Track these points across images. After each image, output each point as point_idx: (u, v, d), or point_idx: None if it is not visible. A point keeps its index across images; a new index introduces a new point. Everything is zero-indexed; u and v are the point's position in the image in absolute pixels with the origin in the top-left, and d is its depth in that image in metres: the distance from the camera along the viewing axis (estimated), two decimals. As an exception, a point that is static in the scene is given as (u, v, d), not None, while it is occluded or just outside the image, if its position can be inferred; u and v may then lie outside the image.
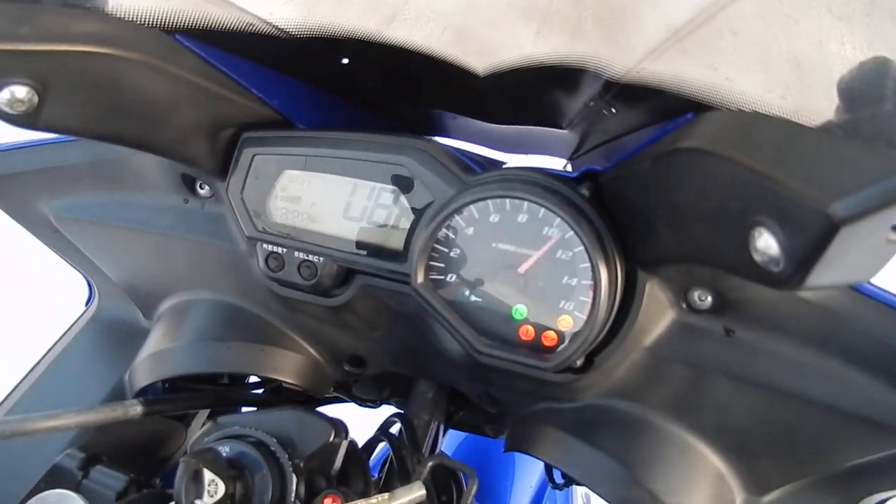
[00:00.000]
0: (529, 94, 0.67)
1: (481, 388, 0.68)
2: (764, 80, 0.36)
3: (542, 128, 0.75)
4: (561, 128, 0.72)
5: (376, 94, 0.71)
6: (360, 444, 0.67)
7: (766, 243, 0.33)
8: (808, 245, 0.31)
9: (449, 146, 0.59)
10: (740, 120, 0.38)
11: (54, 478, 0.53)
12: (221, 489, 0.47)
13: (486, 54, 0.61)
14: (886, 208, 0.28)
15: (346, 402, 0.91)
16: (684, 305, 0.55)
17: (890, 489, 0.56)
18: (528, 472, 1.21)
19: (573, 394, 0.60)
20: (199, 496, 0.45)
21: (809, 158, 0.32)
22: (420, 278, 0.55)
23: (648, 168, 0.45)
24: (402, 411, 0.72)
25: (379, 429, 0.70)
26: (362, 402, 0.90)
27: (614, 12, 0.42)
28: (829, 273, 0.32)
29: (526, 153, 0.89)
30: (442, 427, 0.79)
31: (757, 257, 0.34)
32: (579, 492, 1.36)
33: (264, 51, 0.60)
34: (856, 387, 0.51)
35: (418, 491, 0.51)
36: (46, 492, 0.52)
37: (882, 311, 0.49)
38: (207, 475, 0.46)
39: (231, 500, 0.48)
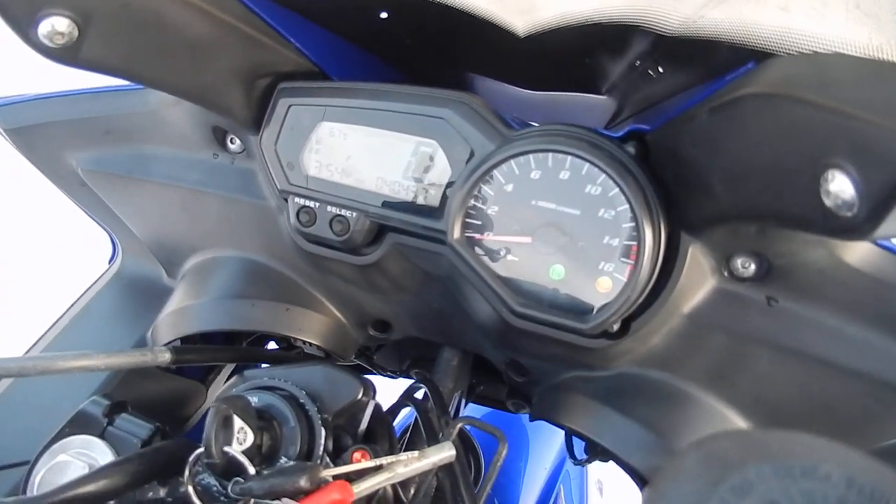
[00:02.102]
0: (570, 56, 0.65)
1: (509, 355, 0.66)
2: (845, 19, 0.35)
3: (579, 94, 0.73)
4: (600, 93, 0.71)
5: (412, 53, 0.70)
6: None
7: (840, 186, 0.32)
8: (889, 185, 0.29)
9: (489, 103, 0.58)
10: (813, 62, 0.37)
11: (80, 423, 0.52)
12: (251, 438, 0.46)
13: (527, 12, 0.60)
14: None
15: (368, 372, 0.90)
16: (726, 273, 0.53)
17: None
18: (542, 455, 1.20)
19: (606, 361, 0.59)
20: (228, 442, 0.44)
21: (888, 93, 0.30)
22: (456, 233, 0.54)
23: (705, 121, 0.44)
24: (427, 377, 0.71)
25: (403, 394, 0.69)
26: (383, 372, 0.89)
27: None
28: None
29: (563, 121, 0.87)
30: (464, 397, 0.78)
31: (829, 202, 0.33)
32: (594, 476, 1.35)
33: (304, 1, 0.58)
34: None
35: (449, 451, 0.50)
36: (71, 437, 0.51)
37: None
38: (237, 423, 0.45)
39: (259, 451, 0.47)
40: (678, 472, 0.22)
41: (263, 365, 0.66)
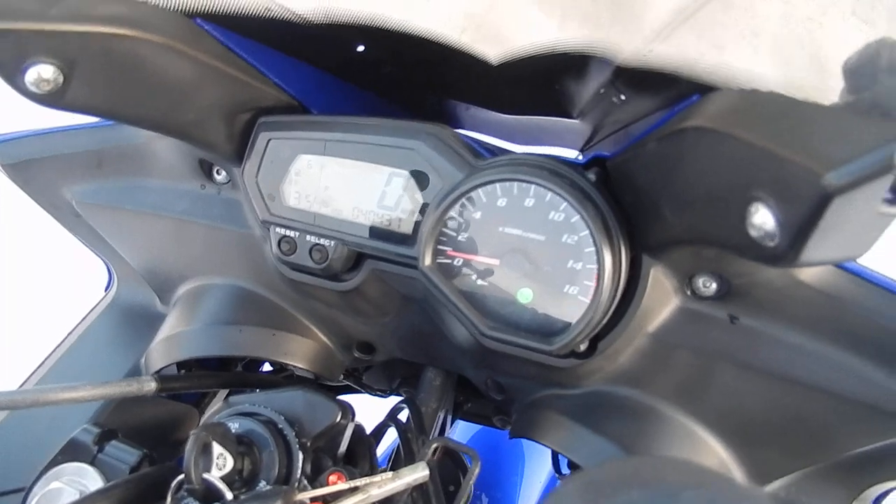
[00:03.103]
0: (541, 82, 0.68)
1: (487, 374, 0.68)
2: (767, 60, 0.37)
3: (553, 118, 0.76)
4: (572, 117, 0.73)
5: (391, 83, 0.73)
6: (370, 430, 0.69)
7: (763, 218, 0.34)
8: (803, 217, 0.31)
9: (461, 133, 0.60)
10: (742, 98, 0.39)
11: (71, 451, 0.55)
12: (230, 463, 0.48)
13: (499, 42, 0.62)
14: (878, 178, 0.28)
15: (357, 391, 0.92)
16: (689, 292, 0.55)
17: (892, 479, 0.56)
18: (539, 467, 1.22)
19: (577, 379, 0.61)
20: (208, 469, 0.46)
21: (806, 131, 0.32)
22: (427, 261, 0.56)
23: (654, 150, 0.46)
24: (410, 398, 0.73)
25: (388, 415, 0.71)
26: (373, 392, 0.91)
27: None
28: (824, 248, 0.32)
29: (539, 144, 0.89)
30: (449, 415, 0.79)
31: (753, 233, 0.35)
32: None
33: (282, 37, 0.61)
34: (859, 374, 0.52)
35: (422, 471, 0.52)
36: (64, 465, 0.53)
37: (884, 295, 0.49)
38: (216, 449, 0.47)
39: (239, 475, 0.49)
40: (560, 499, 0.24)
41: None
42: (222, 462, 0.47)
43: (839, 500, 0.58)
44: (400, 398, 0.77)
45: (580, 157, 0.61)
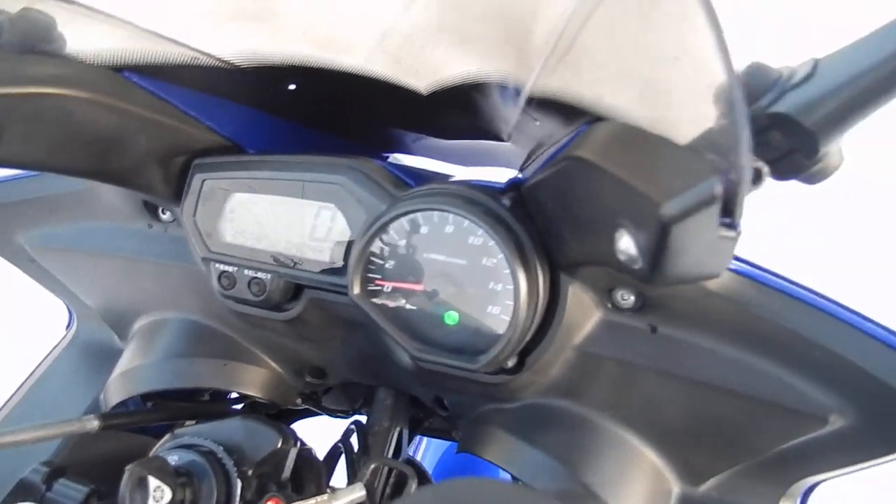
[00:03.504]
0: (469, 109, 0.71)
1: (432, 392, 0.70)
2: (631, 97, 0.40)
3: (488, 141, 0.78)
4: (503, 140, 0.76)
5: (328, 117, 0.75)
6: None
7: (626, 244, 0.37)
8: (653, 242, 0.34)
9: (385, 163, 0.63)
10: (613, 130, 0.42)
11: (21, 491, 0.57)
12: (168, 495, 0.50)
13: (421, 75, 0.65)
14: (707, 207, 0.31)
15: (318, 414, 0.94)
16: (609, 305, 0.58)
17: (815, 473, 0.58)
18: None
19: (514, 393, 0.63)
20: (145, 502, 0.49)
21: (656, 164, 0.35)
22: (356, 289, 0.59)
23: (550, 176, 0.48)
24: (357, 420, 0.75)
25: (340, 438, 0.73)
26: (333, 414, 0.93)
27: (511, 30, 0.46)
28: (681, 267, 0.35)
29: (482, 165, 0.92)
30: (406, 433, 0.81)
31: (621, 256, 0.38)
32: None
33: (212, 81, 0.64)
34: (768, 375, 0.54)
35: (359, 492, 0.54)
36: (13, 504, 0.56)
37: (785, 300, 0.52)
38: (153, 482, 0.49)
39: None
40: None
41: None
42: (159, 494, 0.49)
43: (769, 495, 0.60)
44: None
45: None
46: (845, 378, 0.52)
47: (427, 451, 1.26)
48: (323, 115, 0.76)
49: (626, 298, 0.57)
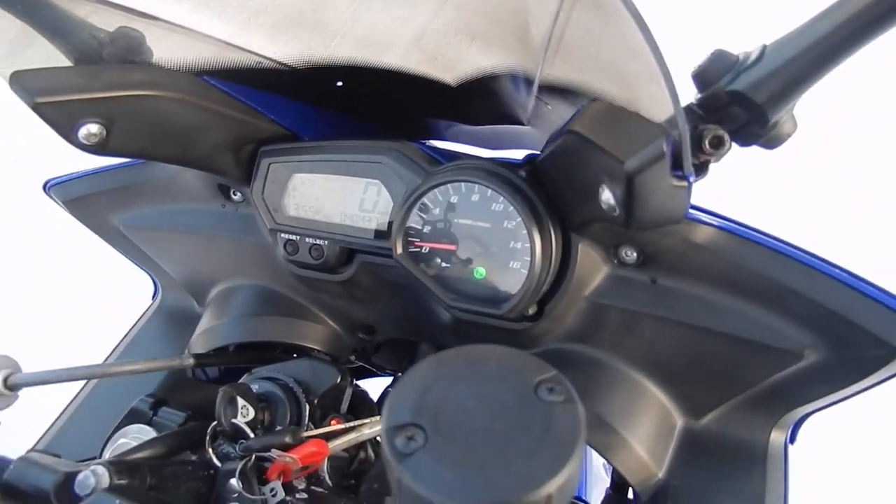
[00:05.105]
0: (494, 98, 0.81)
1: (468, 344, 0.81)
2: (613, 82, 0.50)
3: (512, 126, 0.89)
4: (524, 125, 0.86)
5: (373, 108, 0.87)
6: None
7: (607, 196, 0.47)
8: (623, 192, 0.44)
9: (421, 145, 0.74)
10: (599, 109, 0.51)
11: (132, 416, 0.71)
12: (251, 413, 0.62)
13: (450, 70, 0.76)
14: (658, 161, 0.41)
15: (372, 375, 1.06)
16: (615, 261, 0.67)
17: (800, 404, 0.67)
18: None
19: (535, 340, 0.73)
20: (234, 416, 0.61)
21: (624, 133, 0.45)
22: (399, 250, 0.70)
23: (555, 149, 0.59)
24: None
25: (388, 385, 0.85)
26: (384, 371, 1.05)
27: (517, 29, 0.56)
28: (648, 211, 0.45)
29: (508, 148, 1.02)
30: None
31: (604, 206, 0.48)
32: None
33: (274, 81, 0.76)
34: (750, 318, 0.63)
35: None
36: (128, 426, 0.70)
37: (759, 250, 0.61)
38: (240, 402, 0.62)
39: (260, 423, 0.64)
40: (414, 371, 0.36)
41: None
42: (245, 412, 0.62)
43: (763, 426, 0.69)
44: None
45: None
46: (815, 317, 0.61)
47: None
48: (367, 107, 0.87)
49: (630, 255, 0.66)
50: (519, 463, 0.31)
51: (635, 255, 0.66)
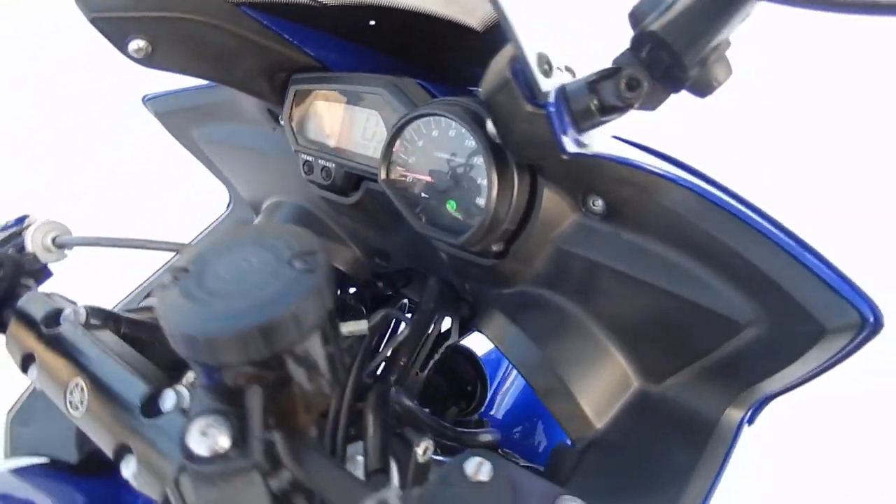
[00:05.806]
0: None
1: (463, 281, 0.85)
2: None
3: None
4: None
5: (403, 46, 0.91)
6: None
7: (490, 126, 0.49)
8: (492, 119, 0.46)
9: (422, 81, 0.77)
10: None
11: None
12: None
13: (470, 13, 0.79)
14: (504, 87, 0.42)
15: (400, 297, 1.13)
16: (583, 210, 0.68)
17: (752, 383, 0.64)
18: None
19: (508, 279, 0.75)
20: None
21: (491, 72, 0.47)
22: (383, 175, 0.75)
23: None
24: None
25: (393, 305, 0.92)
26: (412, 303, 1.11)
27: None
28: (517, 137, 0.47)
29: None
30: (455, 320, 0.97)
31: (491, 135, 0.50)
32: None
33: (308, 14, 0.83)
34: (701, 280, 0.61)
35: (361, 326, 0.71)
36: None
37: (717, 212, 0.58)
38: None
39: None
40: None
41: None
42: None
43: (717, 401, 0.66)
44: None
45: None
46: (757, 285, 0.58)
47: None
48: (399, 45, 0.92)
49: (597, 204, 0.66)
50: (249, 302, 0.36)
51: (602, 204, 0.66)
